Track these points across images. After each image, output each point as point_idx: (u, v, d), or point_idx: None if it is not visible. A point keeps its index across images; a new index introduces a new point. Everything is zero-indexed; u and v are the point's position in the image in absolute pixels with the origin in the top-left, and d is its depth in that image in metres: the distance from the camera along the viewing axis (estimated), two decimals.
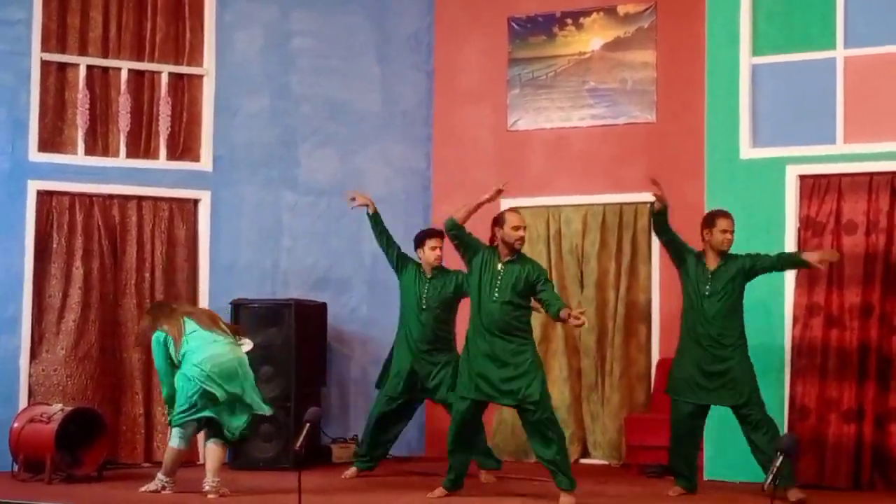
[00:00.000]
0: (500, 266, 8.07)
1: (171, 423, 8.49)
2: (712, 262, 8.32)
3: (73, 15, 10.33)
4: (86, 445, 9.25)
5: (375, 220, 9.33)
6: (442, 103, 11.28)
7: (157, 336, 8.47)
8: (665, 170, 10.28)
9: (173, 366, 8.43)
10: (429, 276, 9.19)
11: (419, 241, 9.28)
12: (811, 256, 8.30)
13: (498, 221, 8.14)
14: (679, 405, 8.37)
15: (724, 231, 8.27)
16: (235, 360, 8.43)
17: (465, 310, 8.59)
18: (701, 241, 8.41)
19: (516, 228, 8.07)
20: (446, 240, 8.57)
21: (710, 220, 8.39)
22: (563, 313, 7.77)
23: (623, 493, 8.72)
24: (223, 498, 8.23)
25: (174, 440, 8.42)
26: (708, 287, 8.25)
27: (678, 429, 8.39)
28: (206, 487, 8.28)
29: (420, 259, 9.28)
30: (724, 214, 8.39)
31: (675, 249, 8.45)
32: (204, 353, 8.33)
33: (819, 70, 9.25)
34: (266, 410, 8.57)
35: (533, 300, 8.16)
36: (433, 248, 9.18)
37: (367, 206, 9.33)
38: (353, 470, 9.41)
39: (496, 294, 8.01)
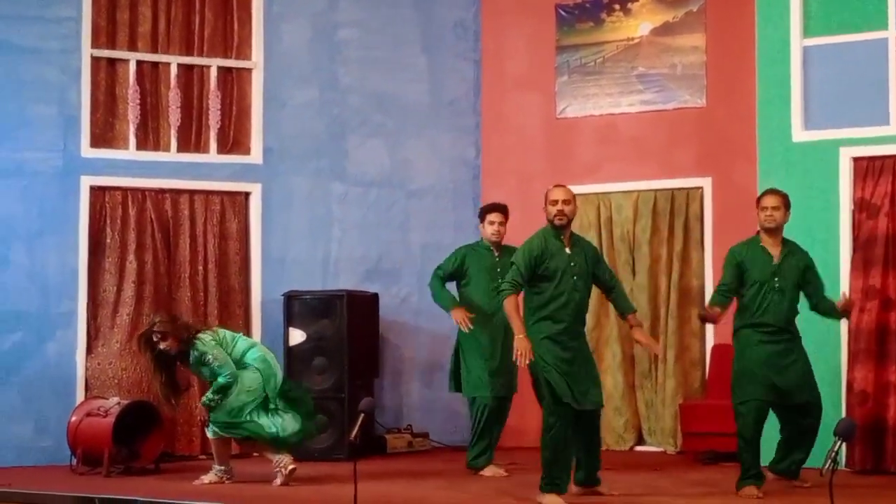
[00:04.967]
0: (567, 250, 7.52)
1: (209, 425, 8.48)
2: (773, 249, 7.90)
3: (122, 11, 10.40)
4: (142, 438, 9.31)
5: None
6: (490, 92, 11.25)
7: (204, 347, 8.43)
8: (716, 154, 10.25)
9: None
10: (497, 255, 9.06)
11: (482, 215, 9.17)
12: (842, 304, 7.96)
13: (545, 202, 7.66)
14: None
15: (765, 208, 7.89)
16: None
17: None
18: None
19: (553, 203, 7.51)
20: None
21: (758, 200, 8.08)
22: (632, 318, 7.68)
23: (677, 481, 8.66)
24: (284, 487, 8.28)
25: (209, 431, 8.52)
26: (777, 281, 7.87)
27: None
28: (286, 469, 8.33)
29: (481, 232, 9.21)
30: (767, 192, 8.03)
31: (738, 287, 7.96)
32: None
33: (871, 50, 9.14)
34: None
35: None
36: (491, 223, 9.03)
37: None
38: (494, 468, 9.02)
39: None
